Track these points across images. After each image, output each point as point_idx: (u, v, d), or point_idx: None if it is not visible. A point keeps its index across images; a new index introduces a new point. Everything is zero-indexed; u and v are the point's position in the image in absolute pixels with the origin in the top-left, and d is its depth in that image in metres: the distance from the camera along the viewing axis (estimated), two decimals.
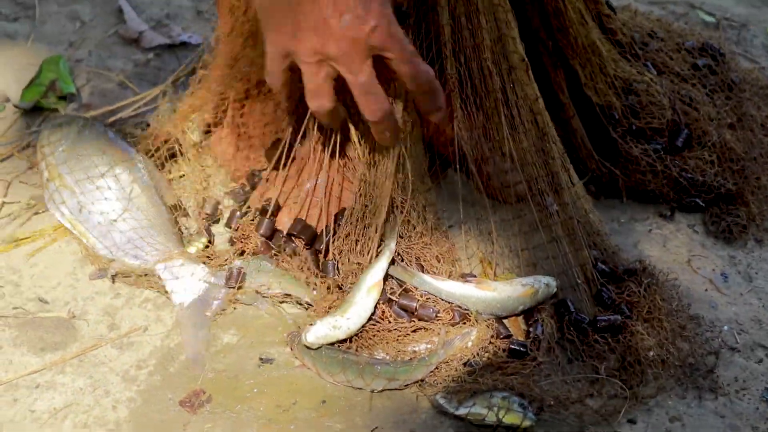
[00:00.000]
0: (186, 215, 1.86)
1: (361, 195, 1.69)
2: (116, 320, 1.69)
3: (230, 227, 1.80)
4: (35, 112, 2.11)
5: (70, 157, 1.85)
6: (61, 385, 1.59)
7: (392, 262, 1.66)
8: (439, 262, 1.70)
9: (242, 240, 1.76)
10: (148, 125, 2.00)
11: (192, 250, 1.77)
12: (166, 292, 1.70)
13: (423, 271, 1.68)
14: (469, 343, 1.62)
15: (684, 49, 2.09)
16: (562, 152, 1.73)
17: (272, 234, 1.76)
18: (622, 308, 1.66)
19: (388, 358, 1.61)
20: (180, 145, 1.94)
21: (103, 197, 1.80)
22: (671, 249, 1.82)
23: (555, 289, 1.66)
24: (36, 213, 1.86)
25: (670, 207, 1.90)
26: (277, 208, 1.77)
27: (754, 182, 1.90)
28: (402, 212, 1.68)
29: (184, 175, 1.94)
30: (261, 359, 1.63)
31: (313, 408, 1.56)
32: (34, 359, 1.63)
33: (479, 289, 1.65)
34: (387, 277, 1.65)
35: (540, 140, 1.70)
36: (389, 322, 1.63)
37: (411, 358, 1.60)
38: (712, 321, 1.70)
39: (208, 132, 1.95)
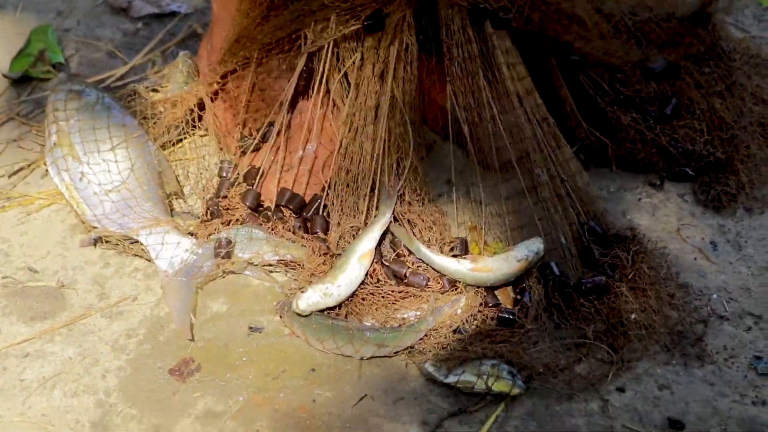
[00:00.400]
0: (181, 196, 1.86)
1: (348, 161, 1.69)
2: (106, 289, 1.69)
3: (219, 196, 1.79)
4: (24, 81, 2.11)
5: (84, 128, 1.84)
6: (51, 354, 1.59)
7: (395, 220, 1.66)
8: (432, 229, 1.71)
9: (229, 209, 1.76)
10: (136, 93, 2.00)
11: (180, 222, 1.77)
12: (151, 259, 1.70)
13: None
14: (458, 311, 1.62)
15: (674, 19, 2.08)
16: (545, 117, 1.73)
17: (258, 205, 1.76)
18: (607, 270, 1.66)
19: (377, 324, 1.61)
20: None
21: (107, 170, 1.80)
22: (661, 218, 1.83)
23: (543, 252, 1.67)
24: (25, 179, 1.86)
25: (660, 176, 1.90)
26: (263, 177, 1.77)
27: (743, 151, 1.90)
28: (400, 181, 1.69)
29: (182, 141, 1.94)
30: (250, 328, 1.63)
31: (302, 376, 1.56)
32: (24, 328, 1.63)
33: (476, 271, 1.65)
34: (381, 242, 1.66)
35: (526, 104, 1.71)
36: (378, 281, 1.64)
37: (400, 325, 1.60)
38: (701, 289, 1.70)
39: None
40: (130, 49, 2.20)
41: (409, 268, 1.66)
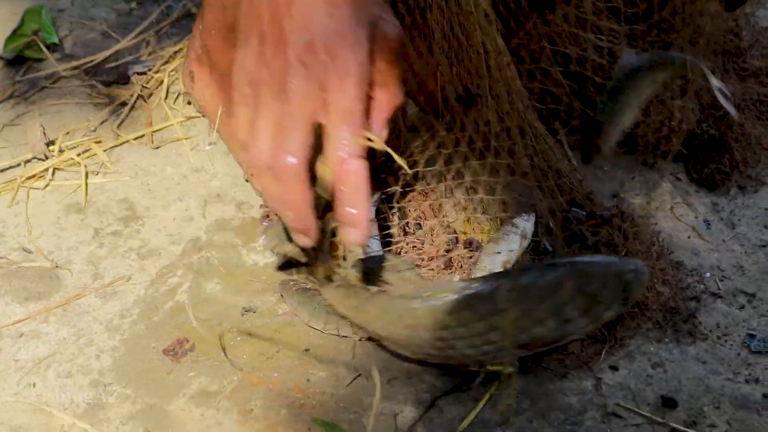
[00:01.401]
0: None
1: None
2: (100, 270, 1.69)
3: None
4: (18, 62, 2.10)
5: None
6: (45, 334, 1.59)
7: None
8: (432, 215, 1.72)
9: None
10: (129, 78, 2.00)
11: None
12: None
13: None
14: None
15: None
16: (527, 104, 1.73)
17: None
18: (600, 249, 1.67)
19: None
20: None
21: None
22: (654, 197, 1.83)
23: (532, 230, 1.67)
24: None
25: (653, 154, 1.89)
26: None
27: (737, 129, 1.90)
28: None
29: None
30: (244, 308, 1.63)
31: (296, 356, 1.56)
32: (18, 309, 1.63)
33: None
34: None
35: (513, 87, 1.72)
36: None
37: None
38: (694, 267, 1.70)
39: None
40: (125, 29, 2.20)
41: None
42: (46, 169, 1.85)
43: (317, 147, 1.32)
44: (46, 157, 1.87)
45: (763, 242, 1.75)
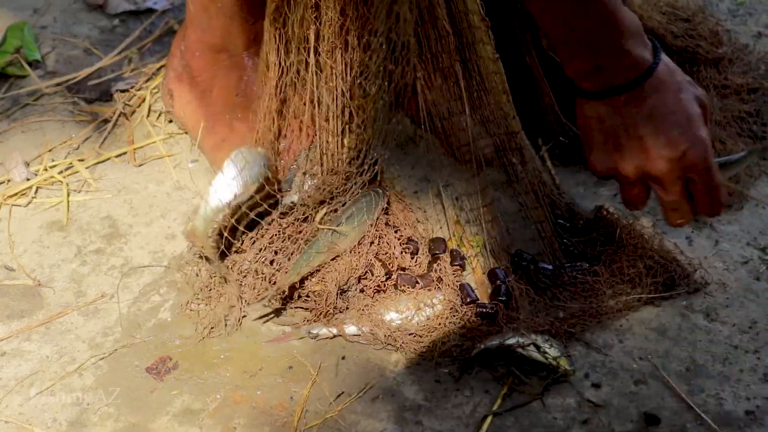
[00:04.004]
0: None
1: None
2: (82, 287, 1.69)
3: None
4: (0, 79, 2.10)
5: None
6: (28, 352, 1.59)
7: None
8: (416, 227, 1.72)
9: None
10: (112, 95, 2.00)
11: None
12: None
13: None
14: (439, 307, 1.63)
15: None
16: (512, 115, 1.74)
17: None
18: (588, 256, 1.72)
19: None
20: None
21: None
22: (636, 213, 1.83)
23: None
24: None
25: None
26: None
27: (718, 146, 1.90)
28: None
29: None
30: (227, 325, 1.63)
31: (279, 374, 1.56)
32: (0, 327, 1.63)
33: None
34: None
35: (498, 99, 1.72)
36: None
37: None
38: (677, 284, 1.70)
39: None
40: (107, 46, 2.19)
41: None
42: (29, 187, 1.84)
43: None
44: (29, 180, 1.86)
45: (745, 259, 1.76)
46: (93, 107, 2.03)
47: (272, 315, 1.64)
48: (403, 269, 1.68)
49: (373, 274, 1.65)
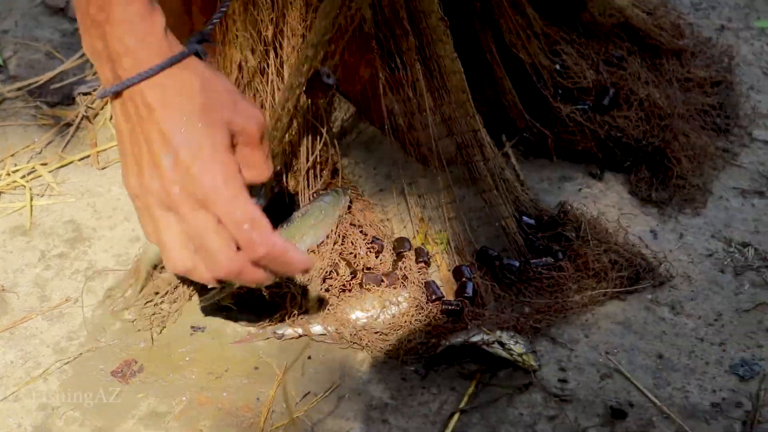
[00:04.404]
0: None
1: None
2: (47, 292, 1.68)
3: None
4: None
5: None
6: None
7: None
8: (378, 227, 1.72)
9: None
10: (74, 99, 2.00)
11: None
12: None
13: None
14: (404, 305, 1.63)
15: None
16: (473, 113, 1.74)
17: None
18: (555, 252, 1.72)
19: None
20: None
21: None
22: (601, 208, 1.83)
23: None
24: None
25: (600, 166, 1.90)
26: None
27: (682, 139, 1.91)
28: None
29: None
30: (192, 327, 1.62)
31: (245, 375, 1.56)
32: None
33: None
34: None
35: (458, 98, 1.72)
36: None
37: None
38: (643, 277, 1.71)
39: None
40: (69, 50, 2.19)
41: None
42: None
43: None
44: None
45: (710, 251, 1.76)
46: (55, 111, 2.03)
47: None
48: (369, 268, 1.68)
49: (338, 274, 1.65)
